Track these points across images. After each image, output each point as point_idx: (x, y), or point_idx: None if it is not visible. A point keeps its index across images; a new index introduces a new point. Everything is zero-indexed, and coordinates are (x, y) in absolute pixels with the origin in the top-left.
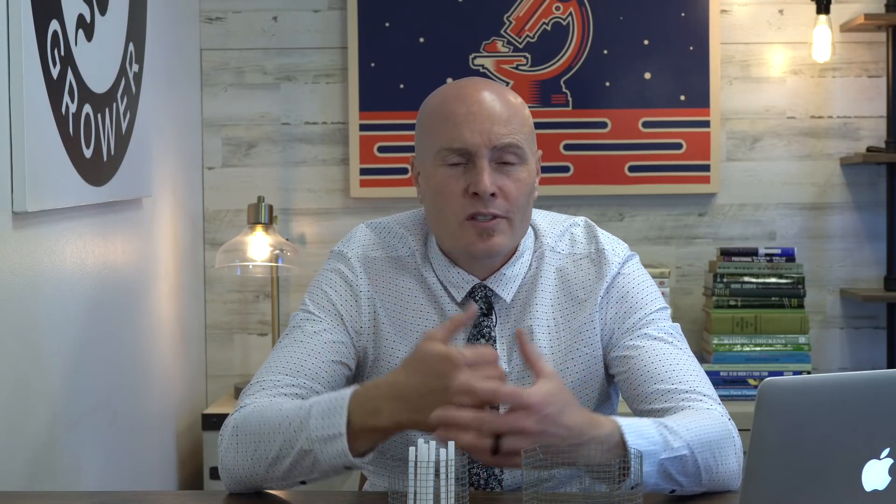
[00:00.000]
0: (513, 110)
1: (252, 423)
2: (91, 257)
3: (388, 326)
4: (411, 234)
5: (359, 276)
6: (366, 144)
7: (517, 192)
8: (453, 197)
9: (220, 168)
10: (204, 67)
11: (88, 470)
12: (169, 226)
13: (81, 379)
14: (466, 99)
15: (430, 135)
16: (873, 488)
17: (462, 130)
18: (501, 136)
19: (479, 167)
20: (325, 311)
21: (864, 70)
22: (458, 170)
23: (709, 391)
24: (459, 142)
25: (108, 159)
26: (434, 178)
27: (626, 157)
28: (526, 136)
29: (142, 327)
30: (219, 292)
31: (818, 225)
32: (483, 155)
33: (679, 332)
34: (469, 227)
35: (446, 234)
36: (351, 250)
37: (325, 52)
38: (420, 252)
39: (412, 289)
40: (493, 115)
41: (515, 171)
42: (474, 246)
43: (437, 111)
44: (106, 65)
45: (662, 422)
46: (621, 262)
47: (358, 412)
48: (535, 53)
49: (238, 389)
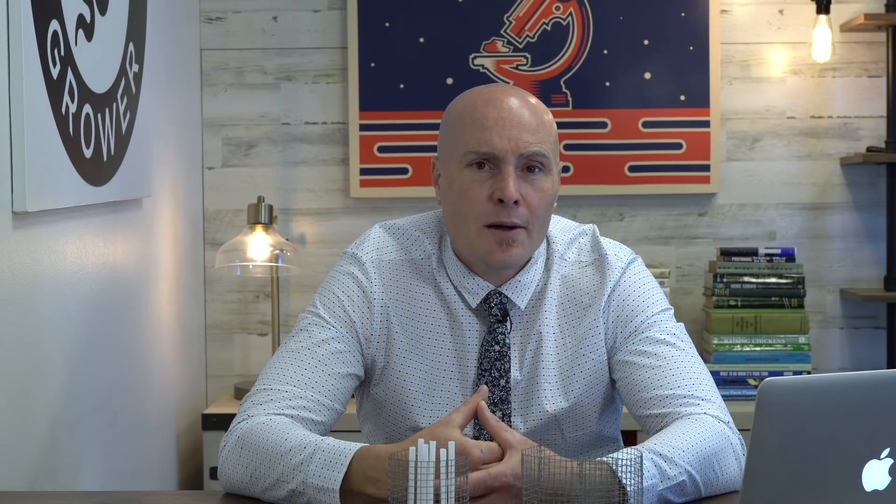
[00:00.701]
0: (541, 119)
1: (256, 440)
2: (91, 257)
3: (400, 334)
4: (427, 237)
5: (373, 282)
6: (366, 144)
7: (539, 202)
8: (476, 202)
9: (220, 168)
10: (204, 67)
11: (88, 470)
12: (169, 226)
13: (81, 379)
14: (497, 104)
15: (457, 137)
16: (873, 488)
17: (491, 135)
18: (529, 144)
19: (505, 173)
20: (336, 318)
21: (864, 70)
22: (483, 174)
23: (708, 394)
24: (487, 146)
25: (108, 159)
26: (458, 181)
27: (626, 157)
28: (552, 145)
29: (142, 327)
30: (219, 292)
31: (818, 225)
32: (510, 161)
33: (683, 332)
34: (488, 234)
35: (464, 240)
36: (365, 254)
37: (325, 52)
38: (436, 256)
39: (426, 294)
40: (523, 123)
41: (539, 181)
42: (493, 255)
43: (466, 114)
44: (106, 65)
45: (655, 449)
46: (624, 266)
47: (357, 474)
48: (535, 53)
49: (238, 389)
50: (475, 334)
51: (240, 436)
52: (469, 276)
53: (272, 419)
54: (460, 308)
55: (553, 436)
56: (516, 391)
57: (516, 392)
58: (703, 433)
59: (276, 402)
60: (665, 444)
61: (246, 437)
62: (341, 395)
